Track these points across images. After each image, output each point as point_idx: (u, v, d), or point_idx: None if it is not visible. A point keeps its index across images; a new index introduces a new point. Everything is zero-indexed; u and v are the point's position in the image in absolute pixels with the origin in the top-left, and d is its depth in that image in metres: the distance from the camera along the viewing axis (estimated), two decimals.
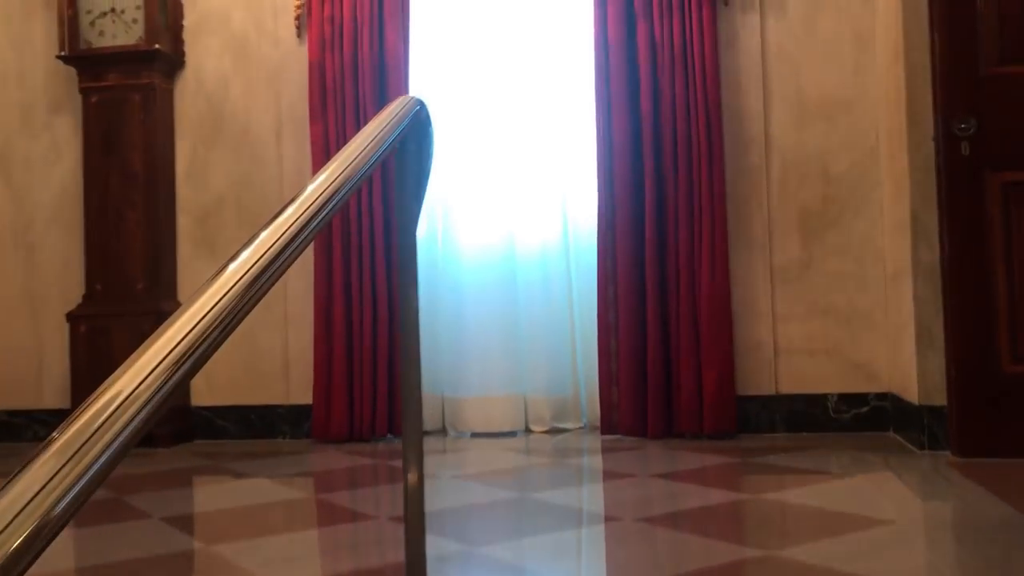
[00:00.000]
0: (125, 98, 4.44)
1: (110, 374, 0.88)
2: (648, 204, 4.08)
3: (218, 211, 4.55)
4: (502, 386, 4.35)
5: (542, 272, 4.40)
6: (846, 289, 4.00)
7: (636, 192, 4.11)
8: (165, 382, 0.91)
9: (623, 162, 4.11)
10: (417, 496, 1.89)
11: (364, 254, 4.27)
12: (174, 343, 0.96)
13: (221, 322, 1.02)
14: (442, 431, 4.42)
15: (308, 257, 4.30)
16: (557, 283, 4.37)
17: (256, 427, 4.45)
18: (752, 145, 4.09)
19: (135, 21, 4.42)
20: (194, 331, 0.99)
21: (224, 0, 4.56)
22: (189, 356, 0.97)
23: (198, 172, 4.57)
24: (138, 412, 0.88)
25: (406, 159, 1.92)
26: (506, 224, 4.42)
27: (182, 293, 4.56)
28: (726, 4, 4.10)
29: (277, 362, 4.45)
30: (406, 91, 4.32)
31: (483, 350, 4.38)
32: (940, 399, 3.37)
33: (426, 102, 1.93)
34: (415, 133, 1.92)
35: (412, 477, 1.89)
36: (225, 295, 1.06)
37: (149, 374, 0.90)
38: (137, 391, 0.89)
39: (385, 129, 1.76)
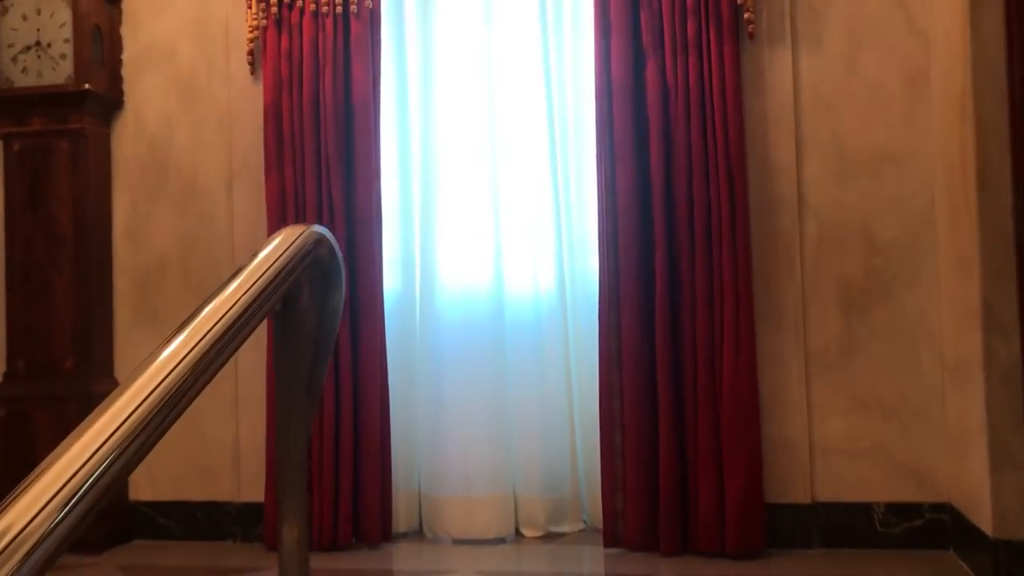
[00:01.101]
0: (52, 145, 3.82)
1: (30, 469, 0.80)
2: (659, 274, 3.44)
3: (160, 274, 3.93)
4: (488, 483, 3.71)
5: (535, 345, 3.77)
6: (895, 378, 3.35)
7: (644, 260, 3.48)
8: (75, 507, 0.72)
9: (629, 224, 3.48)
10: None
11: None
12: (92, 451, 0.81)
13: (155, 417, 0.90)
14: (419, 533, 3.78)
15: (261, 327, 3.68)
16: (553, 359, 3.74)
17: (203, 527, 3.82)
18: (782, 205, 3.46)
19: (63, 57, 3.81)
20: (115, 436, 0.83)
21: (169, 30, 3.95)
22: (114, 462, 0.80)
23: (138, 229, 3.95)
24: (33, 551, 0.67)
25: (297, 318, 1.30)
26: (494, 286, 3.79)
27: (120, 369, 3.94)
28: (751, 38, 3.47)
29: (227, 452, 3.82)
30: (375, 137, 3.70)
31: (466, 438, 3.74)
32: (1022, 533, 2.73)
33: (327, 236, 1.31)
34: (314, 279, 1.30)
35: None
36: (167, 377, 0.94)
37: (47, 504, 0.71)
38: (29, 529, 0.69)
39: (258, 284, 1.14)
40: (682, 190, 3.44)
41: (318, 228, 1.31)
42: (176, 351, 1.03)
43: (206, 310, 1.14)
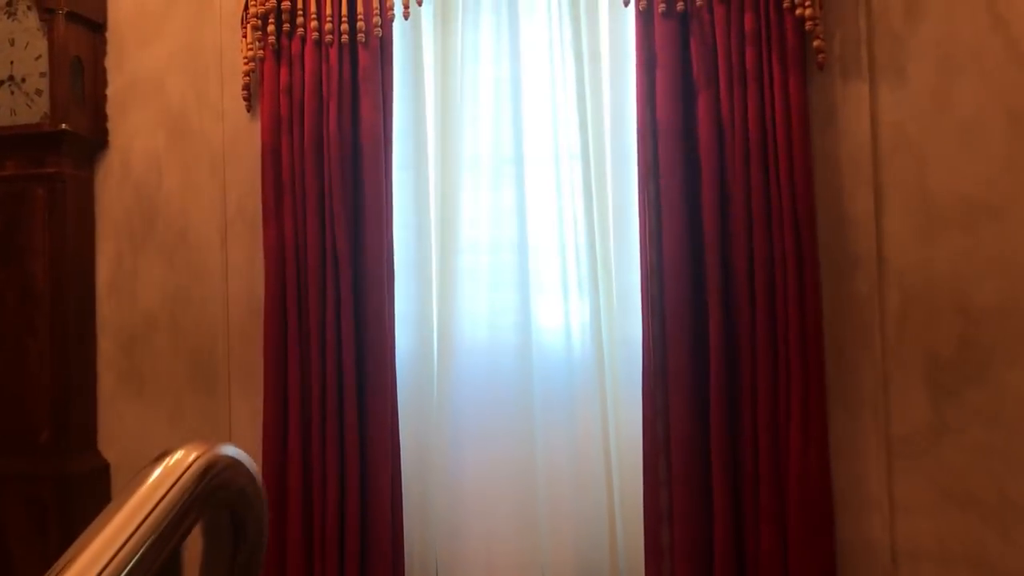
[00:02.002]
0: (26, 192, 3.41)
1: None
2: (713, 345, 2.95)
3: (148, 334, 3.51)
4: (515, 574, 3.24)
5: (568, 416, 3.28)
6: (994, 471, 2.83)
7: (696, 327, 2.99)
8: None
9: (678, 285, 2.99)
10: None
11: (329, 419, 3.19)
12: None
13: None
14: None
15: (257, 406, 3.23)
16: (588, 433, 3.24)
17: None
18: (859, 265, 2.95)
19: (39, 92, 3.40)
20: None
21: (157, 61, 3.52)
22: None
23: (123, 284, 3.53)
24: None
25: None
26: (521, 348, 3.32)
27: (103, 442, 3.52)
28: (821, 68, 2.96)
29: None
30: (386, 181, 3.24)
31: (489, 523, 3.27)
32: None
33: (245, 461, 0.85)
34: (219, 530, 0.83)
35: None
36: None
37: None
38: None
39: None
40: (740, 246, 2.94)
41: (228, 450, 0.86)
42: None
43: None
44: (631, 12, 3.11)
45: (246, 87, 3.34)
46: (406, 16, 3.19)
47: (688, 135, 3.02)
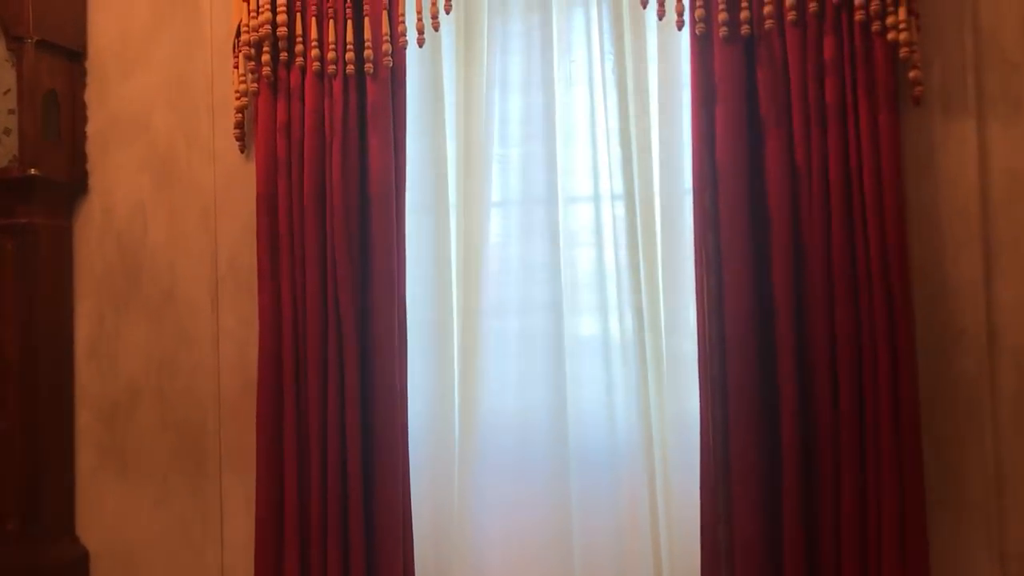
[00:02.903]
0: None
1: None
2: (786, 434, 2.46)
3: (132, 406, 3.08)
4: None
5: (610, 505, 2.80)
6: None
7: (765, 413, 2.50)
8: None
9: (742, 361, 2.50)
10: None
11: (331, 521, 2.74)
12: None
13: None
14: None
15: (253, 490, 2.79)
16: (635, 528, 2.77)
17: None
18: (964, 341, 2.44)
19: (7, 132, 2.99)
20: None
21: (143, 95, 3.10)
22: None
23: (104, 348, 3.11)
24: None
25: None
26: (555, 415, 2.85)
27: (83, 526, 3.10)
28: (917, 104, 2.46)
29: None
30: (398, 236, 2.79)
31: None
32: None
33: None
34: None
35: None
36: None
37: None
38: None
39: None
40: (820, 317, 2.44)
41: None
42: None
43: None
44: (685, 37, 2.63)
45: (239, 124, 2.90)
46: (420, 43, 2.74)
47: (754, 181, 2.54)
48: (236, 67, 2.87)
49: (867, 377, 2.40)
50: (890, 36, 2.39)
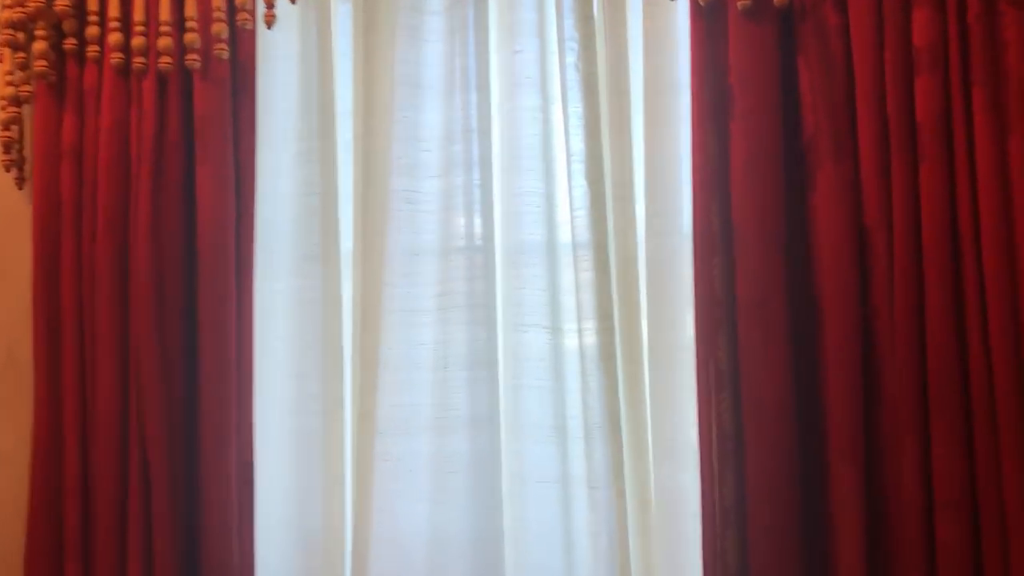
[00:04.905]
0: None
1: None
2: None
3: None
4: None
5: None
6: None
7: None
8: None
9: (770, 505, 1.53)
10: None
11: None
12: None
13: None
14: None
15: None
16: None
17: None
18: None
19: None
20: None
21: None
22: None
23: None
24: None
25: None
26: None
27: None
28: None
29: None
30: (241, 306, 1.82)
31: None
32: None
33: None
34: None
35: None
36: None
37: None
38: None
39: None
40: (906, 472, 1.47)
41: None
42: None
43: None
44: (684, 10, 1.66)
45: (7, 146, 1.91)
46: (269, 22, 1.75)
47: (794, 246, 1.57)
48: (0, 59, 1.89)
49: None
50: None
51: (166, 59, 1.78)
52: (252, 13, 1.79)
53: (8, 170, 1.91)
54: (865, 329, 1.49)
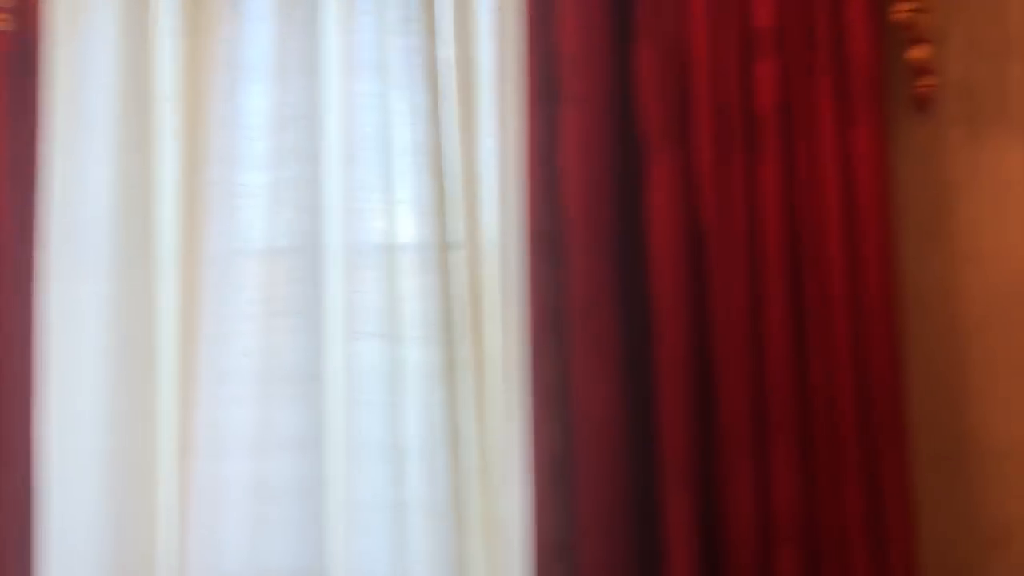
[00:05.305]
0: None
1: None
2: None
3: None
4: None
5: None
6: None
7: None
8: None
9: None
10: None
11: None
12: None
13: None
14: None
15: None
16: None
17: None
18: None
19: None
20: None
21: None
22: None
23: None
24: None
25: None
26: None
27: None
28: (923, 110, 1.33)
29: None
30: (23, 318, 1.62)
31: None
32: None
33: None
34: None
35: None
36: None
37: None
38: None
39: None
40: (736, 485, 1.32)
41: None
42: None
43: None
44: None
45: None
46: None
47: (627, 239, 1.40)
48: None
49: None
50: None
51: None
52: None
53: None
54: (702, 341, 1.33)
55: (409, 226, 1.74)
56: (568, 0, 1.40)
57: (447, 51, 1.73)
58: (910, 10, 1.28)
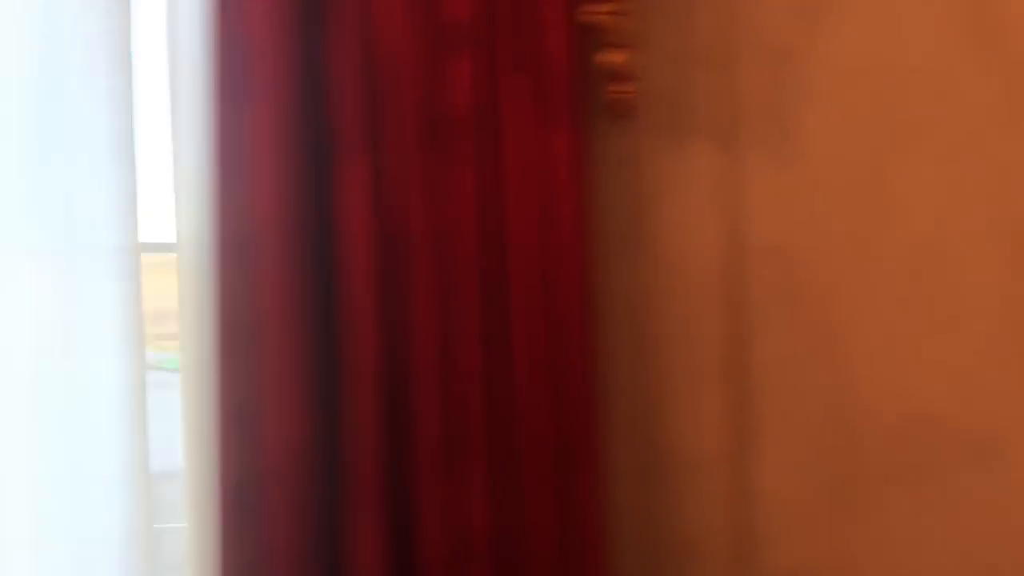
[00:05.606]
0: None
1: None
2: None
3: None
4: None
5: None
6: None
7: None
8: None
9: None
10: None
11: None
12: None
13: None
14: None
15: None
16: None
17: None
18: None
19: None
20: None
21: None
22: None
23: None
24: None
25: None
26: None
27: None
28: (621, 116, 1.31)
29: None
30: None
31: None
32: None
33: None
34: None
35: None
36: None
37: None
38: None
39: None
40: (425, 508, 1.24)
41: None
42: None
43: None
44: None
45: None
46: None
47: (319, 245, 1.30)
48: None
49: None
50: None
51: None
52: None
53: None
54: (394, 355, 1.25)
55: (90, 226, 1.55)
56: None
57: (141, 31, 1.56)
58: (607, 12, 1.24)
